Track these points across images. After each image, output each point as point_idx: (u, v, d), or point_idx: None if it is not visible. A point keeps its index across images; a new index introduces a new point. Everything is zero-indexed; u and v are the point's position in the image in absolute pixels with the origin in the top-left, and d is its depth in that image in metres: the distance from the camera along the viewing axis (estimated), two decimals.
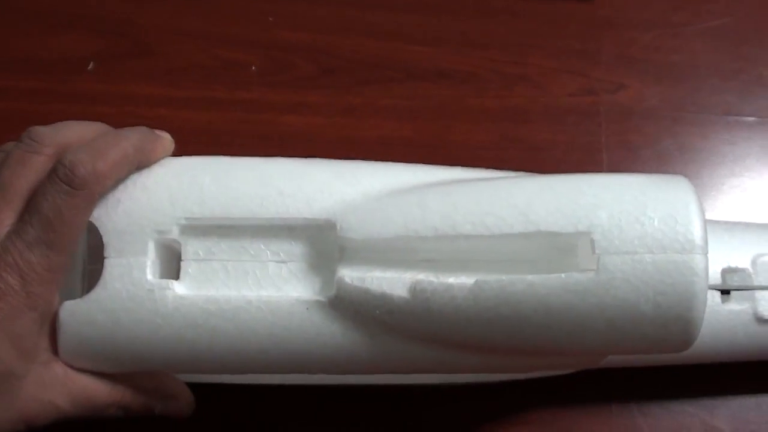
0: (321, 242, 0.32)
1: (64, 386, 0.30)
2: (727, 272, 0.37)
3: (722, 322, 0.36)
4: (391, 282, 0.30)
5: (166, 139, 0.32)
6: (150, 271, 0.31)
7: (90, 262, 0.33)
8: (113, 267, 0.31)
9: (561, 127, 0.47)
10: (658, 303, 0.29)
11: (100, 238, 0.31)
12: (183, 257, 0.32)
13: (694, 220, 0.30)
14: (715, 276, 0.36)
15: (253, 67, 0.47)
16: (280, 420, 0.40)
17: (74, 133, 0.31)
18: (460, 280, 0.30)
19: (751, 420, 0.41)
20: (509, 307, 0.30)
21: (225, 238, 0.32)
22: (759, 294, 0.37)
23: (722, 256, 0.37)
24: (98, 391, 0.31)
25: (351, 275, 0.31)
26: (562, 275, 0.29)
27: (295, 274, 0.32)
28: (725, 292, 0.37)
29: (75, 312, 0.30)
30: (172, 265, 0.32)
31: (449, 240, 0.30)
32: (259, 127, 0.46)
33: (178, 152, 0.33)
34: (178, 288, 0.31)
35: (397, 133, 0.46)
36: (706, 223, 0.30)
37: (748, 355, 0.38)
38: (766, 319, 0.37)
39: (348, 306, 0.31)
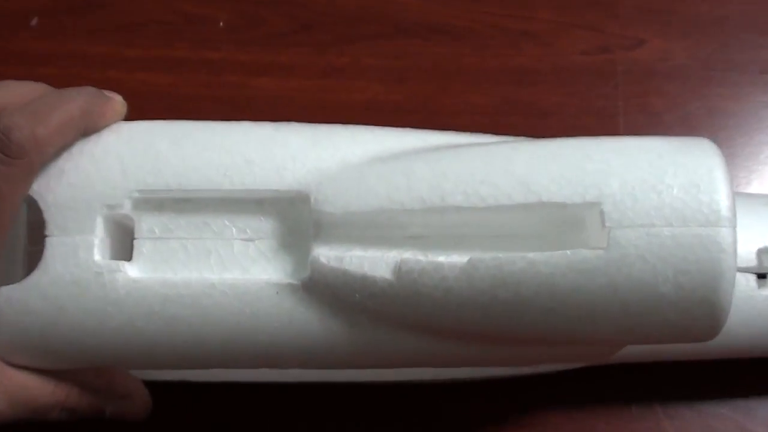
0: (293, 217, 0.32)
1: None
2: (763, 253, 0.36)
3: (758, 310, 0.36)
4: (373, 261, 0.30)
5: (118, 102, 0.32)
6: (98, 252, 0.31)
7: (31, 243, 0.33)
8: (56, 247, 0.31)
9: (572, 89, 0.47)
10: (678, 283, 0.30)
11: (42, 214, 0.31)
12: (136, 235, 0.32)
13: (720, 188, 0.30)
14: (749, 257, 0.36)
15: (221, 23, 0.47)
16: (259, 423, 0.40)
17: (10, 94, 0.31)
18: (452, 259, 0.30)
19: None
20: (508, 289, 0.30)
21: (184, 213, 0.32)
22: None
23: (758, 235, 0.36)
24: (39, 390, 0.31)
25: (327, 254, 0.31)
26: (568, 252, 0.29)
27: (264, 253, 0.32)
28: (762, 276, 0.36)
29: (11, 299, 0.30)
30: (123, 244, 0.32)
31: (438, 213, 0.30)
32: (227, 90, 0.46)
33: (133, 117, 0.33)
34: (131, 270, 0.31)
35: (385, 98, 0.46)
36: (739, 197, 0.30)
37: None
38: None
39: (324, 290, 0.31)
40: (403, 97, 0.46)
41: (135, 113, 0.33)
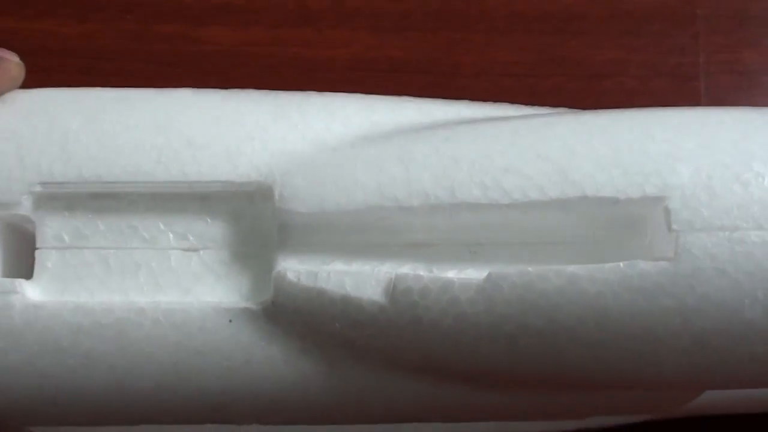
0: (251, 219, 0.33)
1: None
2: None
3: None
4: (359, 278, 0.31)
5: (13, 64, 0.33)
6: None
7: None
8: None
9: (635, 41, 0.47)
10: None
11: None
12: (38, 244, 0.33)
13: None
14: None
15: None
16: None
17: None
18: (465, 274, 0.31)
19: None
20: (540, 315, 0.31)
21: (103, 213, 0.33)
22: None
23: None
24: None
25: (297, 269, 0.31)
26: (621, 264, 0.30)
27: (212, 268, 0.33)
28: None
29: None
30: (21, 256, 0.33)
31: (447, 212, 0.31)
32: (161, 45, 0.46)
33: (34, 84, 0.34)
34: (31, 291, 0.32)
35: (378, 53, 0.46)
36: None
37: None
38: None
39: (293, 317, 0.32)
40: (402, 52, 0.46)
41: (35, 74, 0.34)
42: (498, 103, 0.35)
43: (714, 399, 0.37)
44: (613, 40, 0.47)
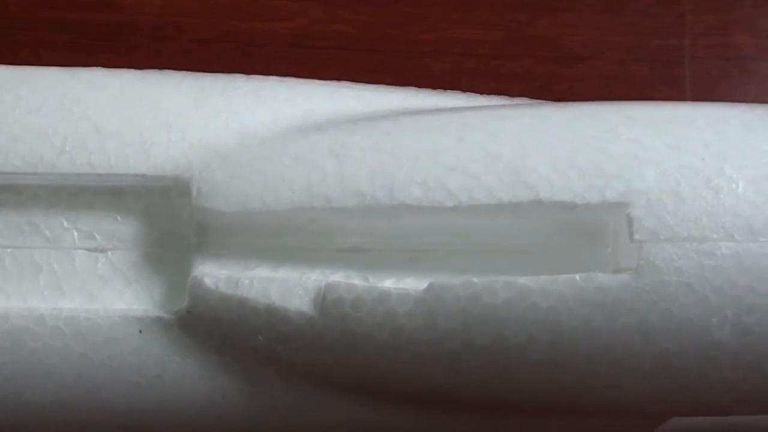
0: (166, 217, 0.33)
1: None
2: None
3: None
4: (286, 286, 0.32)
5: None
6: None
7: None
8: None
9: (614, 19, 0.47)
10: (743, 326, 0.31)
11: None
12: None
13: None
14: None
15: None
16: None
17: None
18: (403, 284, 0.31)
19: None
20: (487, 331, 0.31)
21: None
22: None
23: None
24: None
25: (216, 274, 0.32)
26: (577, 277, 0.31)
27: (121, 271, 0.33)
28: None
29: None
30: None
31: (385, 214, 0.32)
32: (80, 12, 0.46)
33: None
34: None
35: (325, 27, 0.47)
36: None
37: None
38: None
39: (210, 328, 0.32)
40: (352, 27, 0.47)
41: None
42: (449, 92, 0.35)
43: (682, 427, 0.37)
44: (589, 18, 0.47)
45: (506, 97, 0.36)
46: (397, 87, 0.35)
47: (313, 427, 0.33)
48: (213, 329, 0.32)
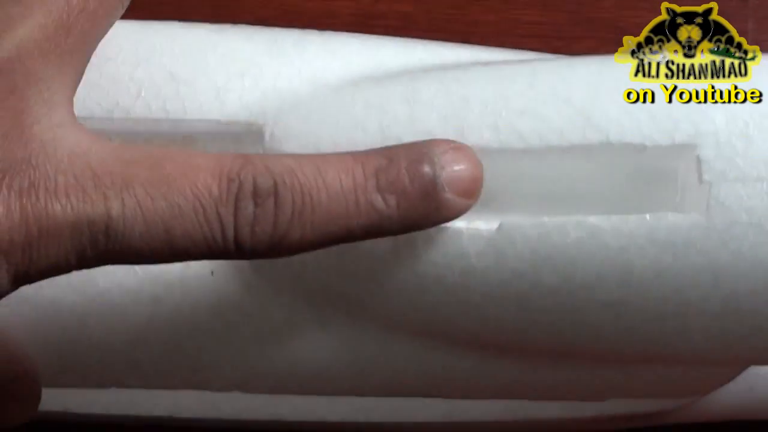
0: None
1: None
2: None
3: None
4: None
5: None
6: None
7: None
8: None
9: (675, 0, 0.48)
10: None
11: None
12: None
13: None
14: None
15: None
16: None
17: None
18: (474, 225, 0.32)
19: None
20: (557, 271, 0.31)
21: None
22: None
23: None
24: None
25: None
26: (647, 217, 0.31)
27: None
28: None
29: None
30: None
31: None
32: None
33: None
34: None
35: (387, 7, 0.47)
36: None
37: None
38: None
39: (282, 269, 0.33)
40: (413, 7, 0.47)
41: None
42: (517, 50, 0.36)
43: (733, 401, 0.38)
44: (650, 2, 0.47)
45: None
46: (467, 44, 0.36)
47: (379, 371, 0.34)
48: (284, 270, 0.33)
